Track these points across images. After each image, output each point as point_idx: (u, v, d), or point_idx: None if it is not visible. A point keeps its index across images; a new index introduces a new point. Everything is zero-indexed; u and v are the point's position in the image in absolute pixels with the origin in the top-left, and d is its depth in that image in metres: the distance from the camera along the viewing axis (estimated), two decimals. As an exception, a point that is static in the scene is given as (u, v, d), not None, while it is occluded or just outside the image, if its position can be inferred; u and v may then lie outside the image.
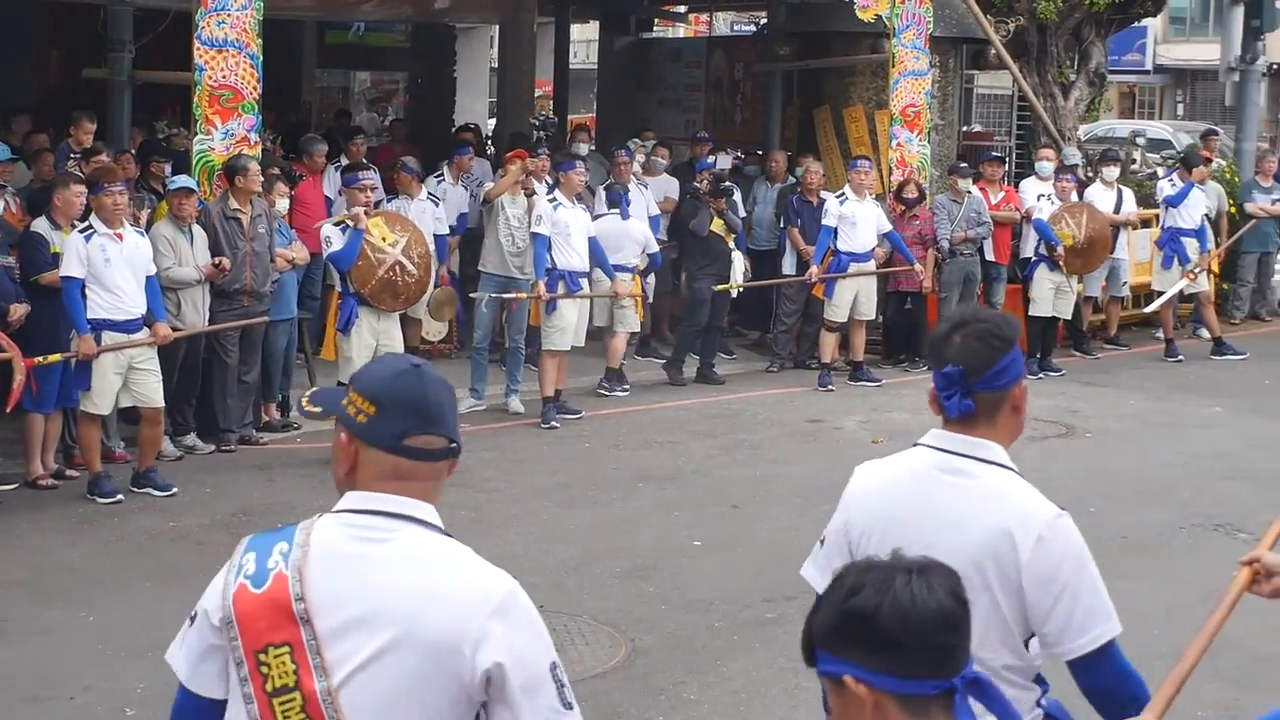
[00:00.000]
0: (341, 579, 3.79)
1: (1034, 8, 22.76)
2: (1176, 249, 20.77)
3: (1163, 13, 34.29)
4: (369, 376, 3.99)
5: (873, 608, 3.13)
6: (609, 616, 10.43)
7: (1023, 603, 4.71)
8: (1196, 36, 58.17)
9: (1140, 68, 59.33)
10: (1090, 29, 23.94)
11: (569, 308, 16.29)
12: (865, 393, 18.12)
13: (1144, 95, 63.80)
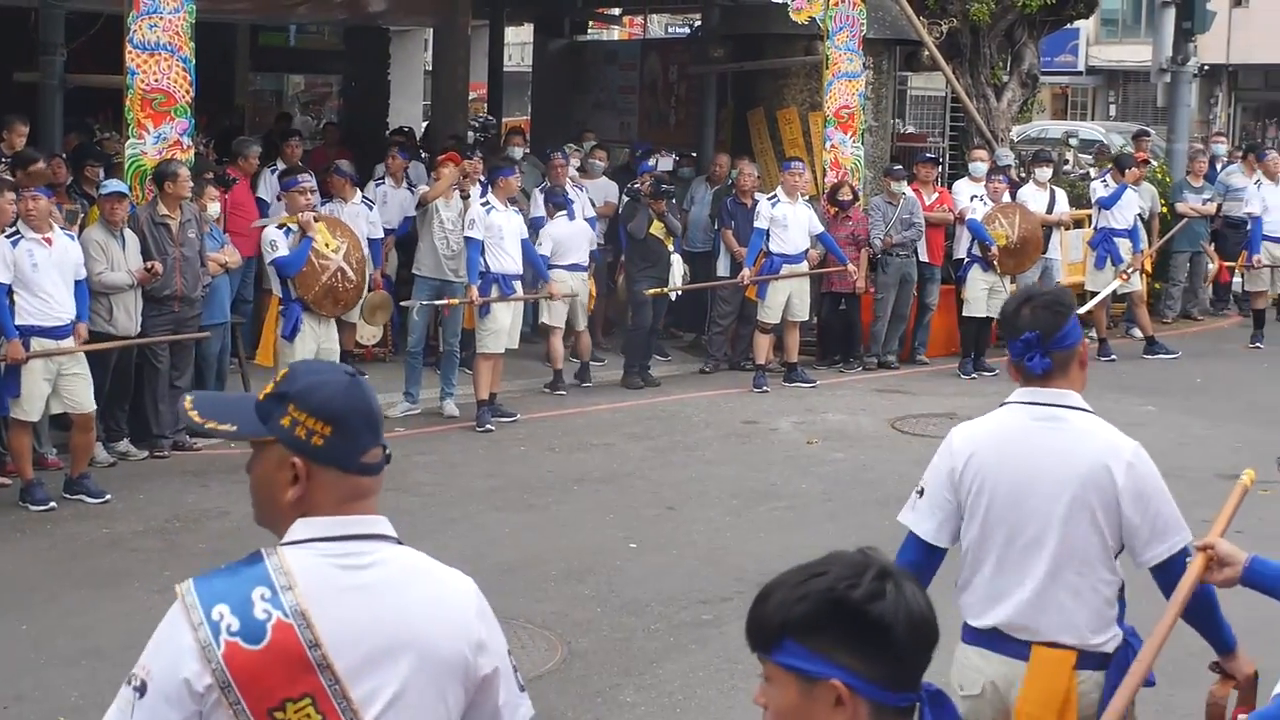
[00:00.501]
0: (350, 614, 3.62)
1: (967, 9, 22.84)
2: (1109, 249, 20.88)
3: (1095, 14, 34.41)
4: (317, 393, 3.72)
5: (891, 618, 3.06)
6: (545, 619, 10.42)
7: (1118, 521, 5.70)
8: (1128, 38, 58.53)
9: (1073, 69, 59.65)
10: (1023, 31, 24.03)
11: (503, 311, 16.26)
12: (800, 393, 18.15)
13: (1076, 96, 64.13)
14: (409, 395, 16.54)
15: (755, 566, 11.36)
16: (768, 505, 13.42)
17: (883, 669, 3.06)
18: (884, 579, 3.07)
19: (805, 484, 14.15)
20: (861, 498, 13.72)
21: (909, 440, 16.08)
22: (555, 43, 28.96)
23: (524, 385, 17.89)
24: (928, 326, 20.22)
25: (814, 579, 3.09)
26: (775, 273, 18.33)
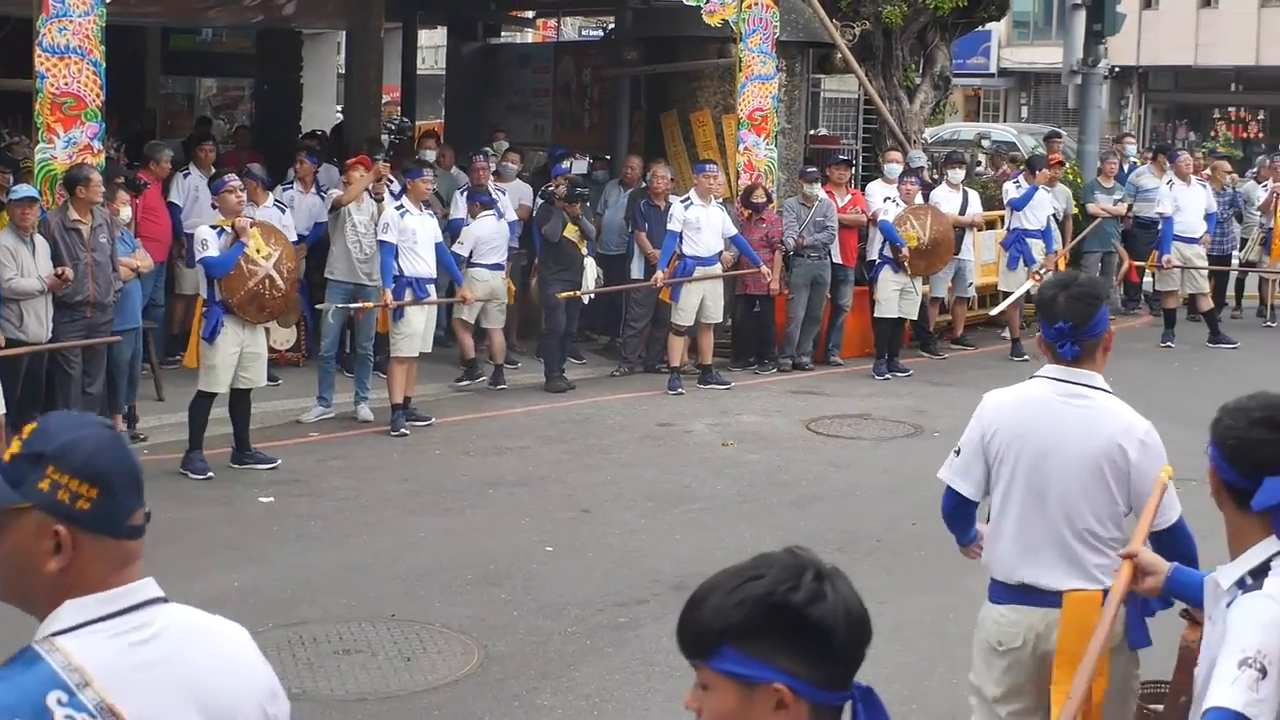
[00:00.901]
0: (152, 693, 3.31)
1: (879, 12, 22.95)
2: (1022, 250, 21.03)
3: (1006, 17, 34.66)
4: (78, 451, 3.31)
5: (832, 621, 3.05)
6: (461, 624, 10.40)
7: (1130, 490, 6.35)
8: (1039, 40, 58.96)
9: (985, 71, 60.02)
10: (935, 33, 24.17)
11: (417, 314, 16.21)
12: (714, 395, 18.18)
13: (988, 98, 64.54)
14: (322, 400, 16.48)
15: (671, 569, 11.40)
16: (683, 507, 13.43)
17: (824, 670, 3.04)
18: (821, 580, 3.06)
19: (720, 486, 14.18)
20: (777, 499, 13.76)
21: (823, 441, 16.15)
22: (468, 46, 28.92)
23: (438, 389, 17.86)
24: (841, 328, 20.28)
25: (750, 583, 3.05)
26: (689, 275, 18.36)
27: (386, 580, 11.29)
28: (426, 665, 9.66)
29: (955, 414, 17.34)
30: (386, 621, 10.40)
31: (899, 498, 13.90)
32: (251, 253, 14.25)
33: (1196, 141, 53.13)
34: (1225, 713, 4.22)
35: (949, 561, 11.92)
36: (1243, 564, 4.58)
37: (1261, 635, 4.32)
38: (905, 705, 9.06)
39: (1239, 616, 4.40)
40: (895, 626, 10.33)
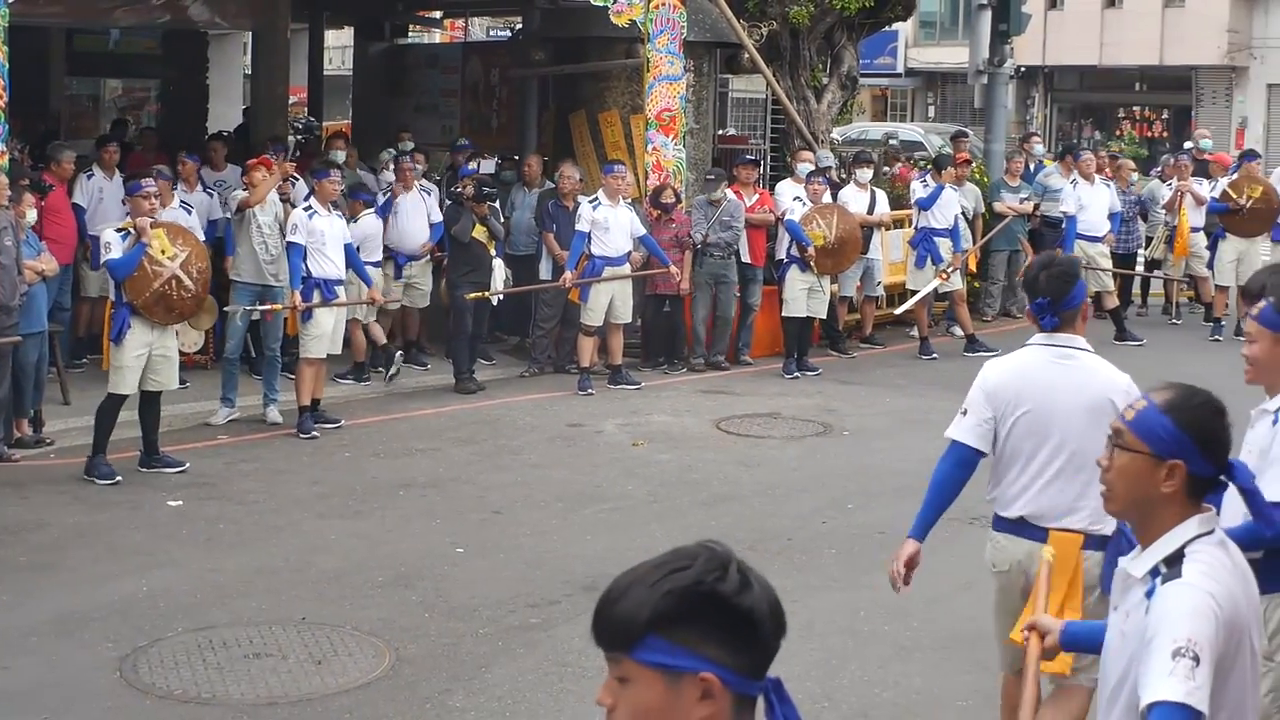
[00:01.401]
0: None
1: (786, 12, 23.00)
2: (929, 249, 21.13)
3: (913, 17, 34.81)
4: None
5: (760, 609, 3.06)
6: (373, 626, 10.37)
7: None
8: (946, 40, 59.32)
9: (892, 71, 60.33)
10: (842, 33, 24.24)
11: (325, 316, 16.13)
12: (625, 395, 18.19)
13: (896, 98, 64.86)
14: (227, 401, 16.36)
15: (582, 569, 11.40)
16: (594, 508, 13.44)
17: (748, 659, 3.06)
18: (744, 571, 3.08)
19: (631, 486, 14.19)
20: (687, 498, 13.79)
21: (734, 440, 16.19)
22: (375, 46, 28.84)
23: (348, 391, 17.80)
24: (751, 327, 20.33)
25: (676, 573, 3.06)
26: (597, 275, 18.37)
27: (297, 583, 11.24)
28: (338, 668, 9.62)
29: (864, 412, 17.50)
30: (297, 625, 10.36)
31: (809, 496, 13.96)
32: (156, 254, 14.12)
33: (1102, 141, 53.58)
34: (1169, 706, 4.27)
35: (859, 560, 12.03)
36: (1156, 552, 4.64)
37: (1191, 624, 4.37)
38: (817, 703, 9.11)
39: (1166, 606, 4.45)
40: (806, 624, 10.37)
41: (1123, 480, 4.71)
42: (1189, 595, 4.44)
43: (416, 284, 19.11)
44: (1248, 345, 6.92)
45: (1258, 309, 6.89)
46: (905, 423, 17.09)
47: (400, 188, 19.04)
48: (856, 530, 12.85)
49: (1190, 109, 55.67)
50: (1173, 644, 4.33)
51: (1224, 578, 4.55)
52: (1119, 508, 4.81)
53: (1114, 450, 4.75)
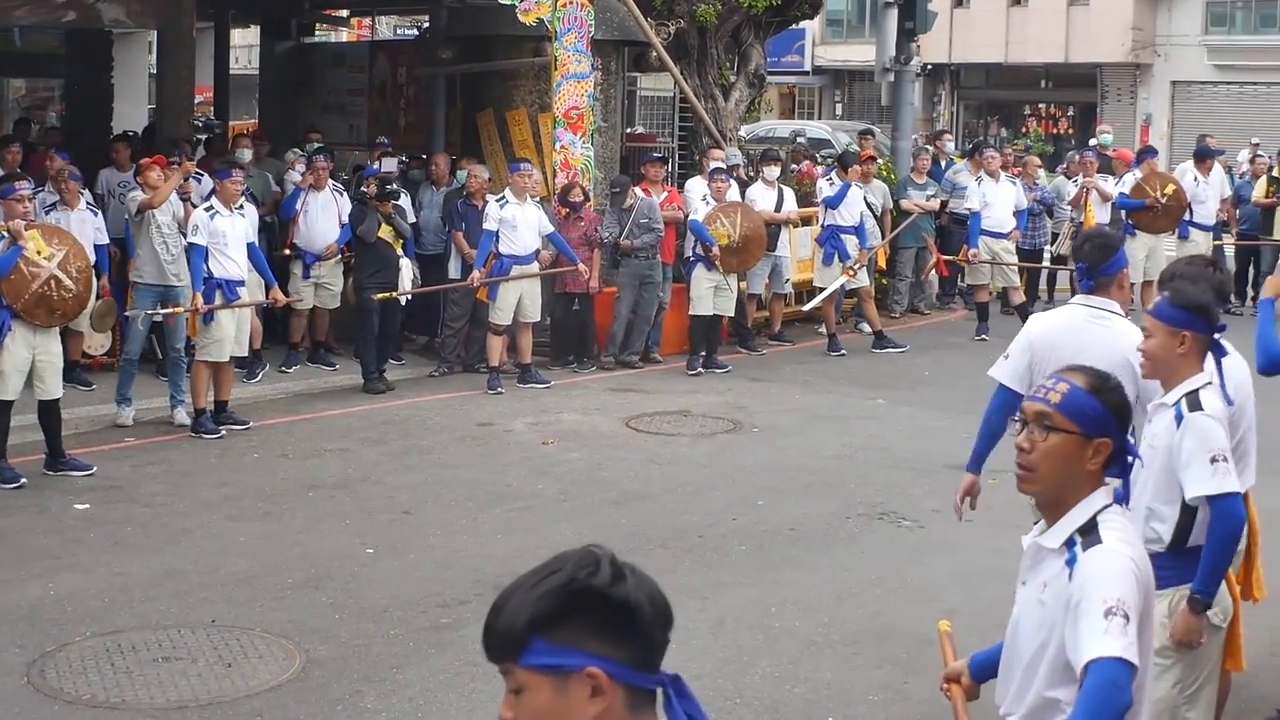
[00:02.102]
0: None
1: (694, 10, 23.04)
2: (837, 246, 21.21)
3: (820, 15, 34.94)
4: None
5: (636, 598, 3.06)
6: (282, 628, 10.32)
7: (1138, 389, 7.41)
8: (853, 38, 59.64)
9: (799, 69, 60.66)
10: (749, 31, 24.30)
11: (227, 318, 16.00)
12: (534, 394, 18.16)
13: (803, 96, 65.19)
14: (125, 401, 16.16)
15: (493, 568, 11.38)
16: (504, 507, 13.42)
17: (633, 651, 3.06)
18: (618, 565, 3.10)
19: (541, 485, 14.18)
20: (598, 497, 13.79)
21: (644, 438, 16.20)
22: (282, 45, 28.68)
23: (256, 391, 17.71)
24: (660, 325, 20.34)
25: (551, 576, 3.08)
26: (505, 274, 18.33)
27: (206, 586, 11.17)
28: (248, 671, 9.57)
29: (773, 409, 17.55)
30: (206, 628, 10.29)
31: (719, 493, 13.99)
32: (32, 255, 13.94)
33: (1008, 138, 53.96)
34: (1110, 661, 4.60)
35: (770, 556, 12.07)
36: (1069, 524, 4.93)
37: (1118, 585, 4.71)
38: (729, 699, 9.13)
39: (1091, 571, 4.76)
40: (717, 621, 10.41)
41: (1050, 460, 4.96)
42: (1112, 559, 4.78)
43: (325, 284, 19.01)
44: (1144, 340, 7.03)
45: (1153, 304, 7.00)
46: (815, 419, 17.16)
47: (311, 186, 18.92)
48: (767, 527, 12.89)
49: (1095, 106, 56.19)
50: (1103, 604, 4.65)
51: (1135, 542, 4.94)
52: (1041, 487, 5.04)
53: (1041, 432, 4.97)
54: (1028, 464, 4.99)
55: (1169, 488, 6.82)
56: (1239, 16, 53.66)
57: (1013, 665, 5.13)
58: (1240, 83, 53.28)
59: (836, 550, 12.38)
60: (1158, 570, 6.83)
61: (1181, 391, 6.85)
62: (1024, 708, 5.04)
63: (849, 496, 13.83)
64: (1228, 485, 6.69)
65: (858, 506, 13.52)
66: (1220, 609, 6.90)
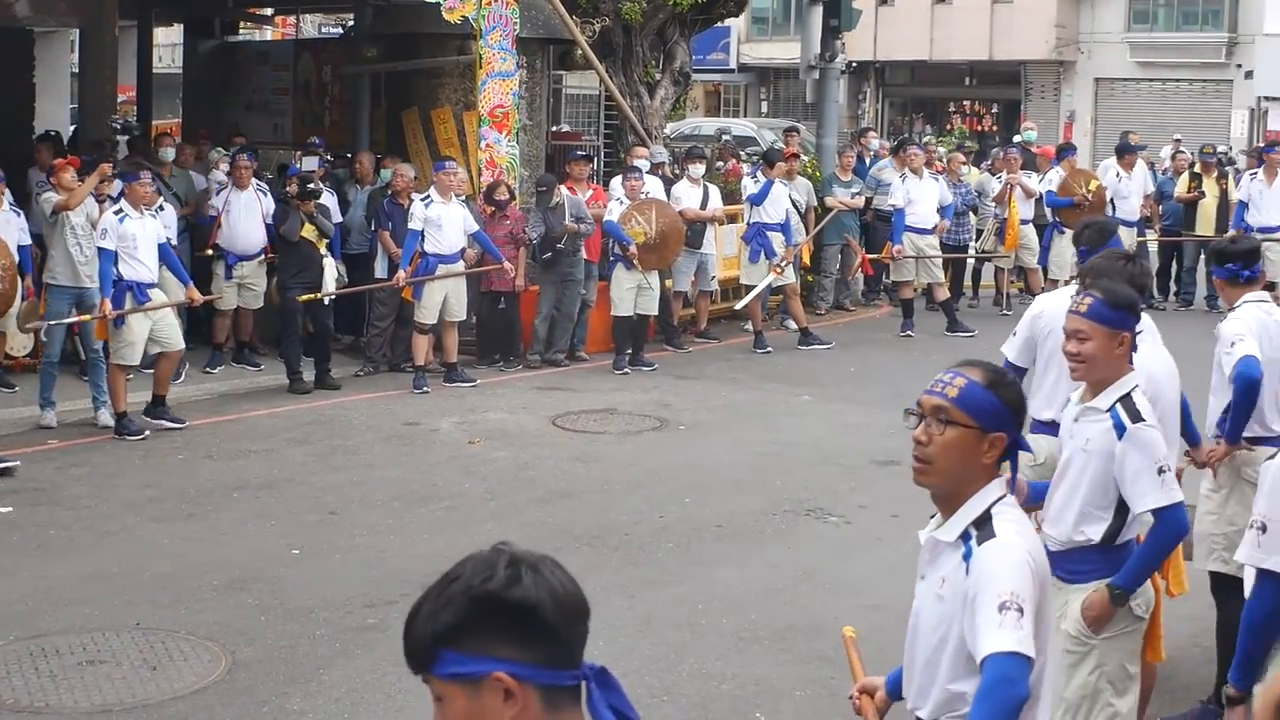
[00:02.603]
0: None
1: (619, 8, 23.05)
2: (762, 243, 21.25)
3: (745, 13, 34.96)
4: None
5: (535, 598, 3.06)
6: (208, 630, 10.27)
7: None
8: (778, 36, 59.76)
9: (724, 67, 60.76)
10: (674, 29, 24.34)
11: (138, 321, 15.86)
12: (460, 393, 18.13)
13: (729, 93, 65.26)
14: (48, 403, 16.03)
15: (419, 568, 11.34)
16: (430, 507, 13.39)
17: (541, 650, 3.07)
18: (517, 565, 3.10)
19: (468, 484, 14.16)
20: (524, 496, 13.77)
21: (570, 437, 16.19)
22: (205, 44, 28.53)
23: (179, 392, 17.58)
24: (586, 323, 20.33)
25: (451, 584, 3.11)
26: (431, 273, 18.29)
27: (130, 589, 11.10)
28: (173, 674, 9.52)
29: (699, 407, 17.58)
30: (131, 630, 10.23)
31: (646, 491, 14.00)
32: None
33: (933, 135, 54.18)
34: (1004, 655, 4.67)
35: (697, 553, 12.09)
36: (964, 517, 4.97)
37: (1012, 579, 4.76)
38: (656, 697, 9.14)
39: (986, 565, 4.81)
40: (644, 619, 10.42)
41: (947, 454, 4.99)
42: (1007, 553, 4.82)
43: (249, 284, 18.93)
44: (1077, 342, 6.91)
45: (1085, 305, 6.92)
46: (741, 416, 17.19)
47: (234, 186, 18.85)
48: (694, 524, 12.90)
49: (1020, 103, 56.47)
50: (998, 598, 4.71)
51: (1029, 534, 5.00)
52: (937, 480, 5.07)
53: (938, 426, 5.01)
54: (924, 457, 5.03)
55: (1104, 493, 6.83)
56: (1161, 14, 54.00)
57: (915, 660, 5.16)
58: (1163, 79, 53.64)
59: (763, 547, 12.41)
60: (1084, 563, 6.92)
61: (1115, 396, 6.83)
62: (930, 702, 5.07)
63: (776, 493, 13.86)
64: (1176, 495, 6.76)
65: (784, 503, 13.55)
66: (1143, 600, 6.95)
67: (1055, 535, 7.00)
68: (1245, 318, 8.99)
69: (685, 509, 13.41)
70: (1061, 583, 7.03)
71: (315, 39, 33.15)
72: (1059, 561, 7.03)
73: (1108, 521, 6.86)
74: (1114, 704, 6.92)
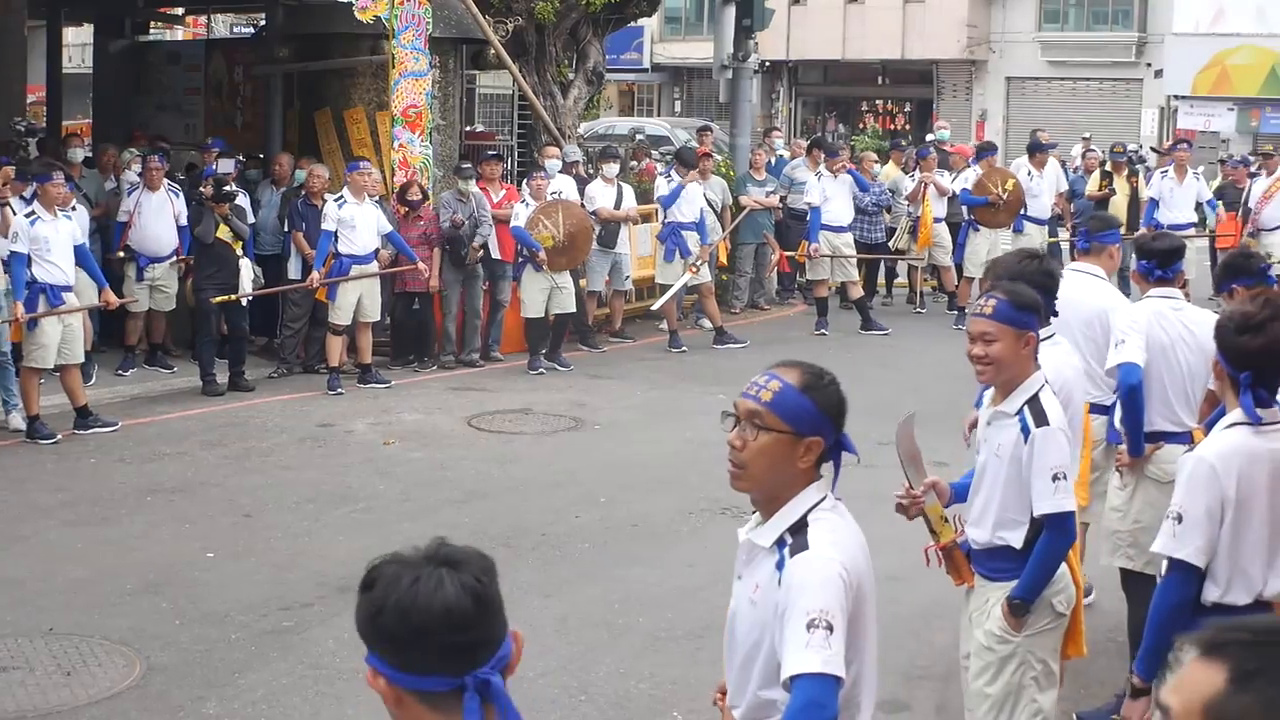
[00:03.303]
0: None
1: (532, 8, 23.04)
2: (678, 243, 21.30)
3: (658, 13, 35.04)
4: None
5: (378, 605, 3.14)
6: (122, 635, 10.20)
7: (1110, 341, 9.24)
8: (691, 35, 59.87)
9: (638, 66, 60.80)
10: (587, 29, 24.35)
11: (51, 324, 15.72)
12: (375, 394, 18.07)
13: (642, 93, 65.32)
14: (-37, 406, 15.97)
15: (335, 571, 11.32)
16: (346, 508, 13.34)
17: (401, 657, 3.17)
18: (370, 573, 3.22)
19: (383, 485, 14.12)
20: (440, 497, 13.75)
21: (486, 437, 16.17)
22: (116, 43, 28.29)
23: (92, 396, 17.45)
24: (501, 323, 20.30)
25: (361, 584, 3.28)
26: (344, 274, 18.23)
27: (43, 594, 11.01)
28: (87, 679, 9.45)
29: (615, 406, 17.58)
30: (44, 636, 10.15)
31: (562, 491, 14.00)
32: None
33: (845, 134, 54.41)
34: (810, 678, 4.55)
35: (613, 553, 12.10)
36: (780, 522, 4.86)
37: (822, 595, 4.62)
38: (574, 697, 9.14)
39: (796, 579, 4.69)
40: (561, 619, 10.42)
41: (762, 459, 4.88)
42: (818, 567, 4.69)
43: (160, 286, 18.82)
44: (983, 345, 6.84)
45: (990, 307, 6.88)
46: (656, 415, 17.21)
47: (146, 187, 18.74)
48: (610, 524, 12.91)
49: (932, 102, 56.79)
50: (806, 616, 4.58)
51: (846, 542, 4.81)
52: (753, 485, 4.95)
53: (752, 430, 4.92)
54: (739, 462, 4.92)
55: (1020, 498, 6.84)
56: (1072, 13, 54.44)
57: (732, 659, 5.08)
58: (1073, 78, 54.06)
59: (679, 546, 12.42)
60: (1004, 563, 6.98)
61: (1023, 399, 6.82)
62: (744, 703, 4.99)
63: (691, 492, 13.87)
64: (1066, 504, 6.76)
65: (700, 501, 13.57)
66: (1064, 597, 7.01)
67: (976, 538, 7.05)
68: (1138, 314, 9.08)
69: (601, 509, 13.41)
70: (984, 580, 7.09)
71: (227, 39, 33.04)
72: (981, 560, 7.09)
73: (1026, 526, 6.87)
74: (1038, 700, 6.97)
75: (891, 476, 7.04)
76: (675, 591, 11.19)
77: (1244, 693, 2.53)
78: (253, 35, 30.70)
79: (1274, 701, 2.53)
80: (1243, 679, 2.54)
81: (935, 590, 8.03)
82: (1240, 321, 6.10)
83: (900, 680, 9.43)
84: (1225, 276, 8.90)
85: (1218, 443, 6.20)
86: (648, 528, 12.84)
